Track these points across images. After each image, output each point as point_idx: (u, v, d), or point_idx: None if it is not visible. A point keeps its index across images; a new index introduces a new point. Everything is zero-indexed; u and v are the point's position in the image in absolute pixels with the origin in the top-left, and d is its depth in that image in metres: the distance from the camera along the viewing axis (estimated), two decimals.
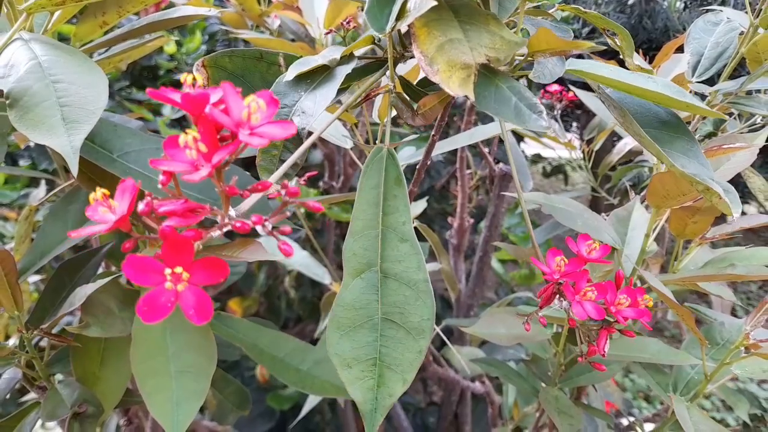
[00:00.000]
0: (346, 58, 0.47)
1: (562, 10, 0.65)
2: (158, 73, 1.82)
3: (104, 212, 0.31)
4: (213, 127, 0.30)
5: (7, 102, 0.52)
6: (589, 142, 1.45)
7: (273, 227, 0.30)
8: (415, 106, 0.45)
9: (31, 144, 1.51)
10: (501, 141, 1.58)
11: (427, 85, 0.50)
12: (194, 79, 0.33)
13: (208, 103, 0.30)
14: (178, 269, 0.28)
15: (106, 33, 0.76)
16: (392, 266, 0.44)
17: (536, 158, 3.02)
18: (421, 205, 1.04)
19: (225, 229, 0.31)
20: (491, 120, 1.41)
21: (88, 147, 0.58)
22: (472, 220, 1.41)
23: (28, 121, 0.50)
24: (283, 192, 0.31)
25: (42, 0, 0.56)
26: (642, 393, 2.66)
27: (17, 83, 0.52)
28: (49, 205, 0.87)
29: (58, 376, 0.66)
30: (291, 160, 0.39)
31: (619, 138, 1.46)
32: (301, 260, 1.06)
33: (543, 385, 0.86)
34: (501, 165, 1.56)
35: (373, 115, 0.77)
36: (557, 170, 2.98)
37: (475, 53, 0.45)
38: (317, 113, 0.43)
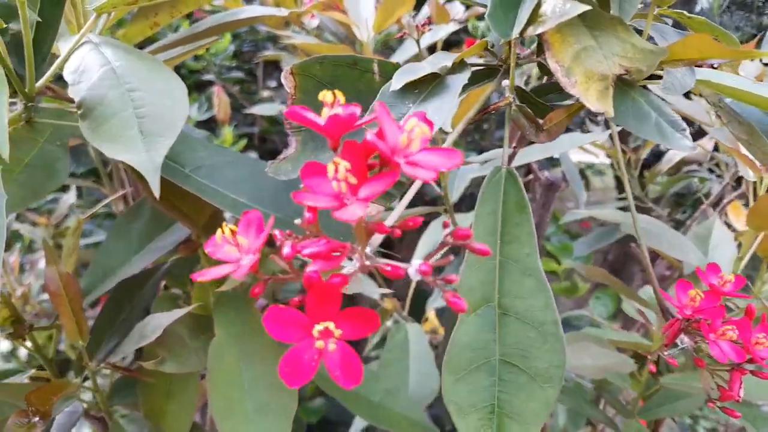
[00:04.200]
0: (458, 66, 0.42)
1: (662, 15, 0.60)
2: (181, 72, 1.77)
3: (230, 251, 0.26)
4: (363, 154, 0.25)
5: (79, 112, 0.48)
6: (635, 149, 1.38)
7: (433, 273, 0.25)
8: (540, 122, 0.40)
9: None
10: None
11: (542, 95, 0.45)
12: (334, 96, 0.28)
13: (355, 126, 0.25)
14: (329, 325, 0.24)
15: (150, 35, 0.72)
16: (513, 302, 0.39)
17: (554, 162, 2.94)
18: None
19: (365, 271, 0.26)
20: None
21: None
22: None
23: (103, 134, 0.46)
24: (446, 232, 0.26)
25: None
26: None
27: (90, 91, 0.48)
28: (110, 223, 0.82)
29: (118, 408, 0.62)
30: (414, 188, 0.34)
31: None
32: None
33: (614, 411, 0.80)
34: (546, 173, 1.50)
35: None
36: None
37: (609, 62, 0.40)
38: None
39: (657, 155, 1.38)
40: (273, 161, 0.49)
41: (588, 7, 0.35)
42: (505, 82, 0.42)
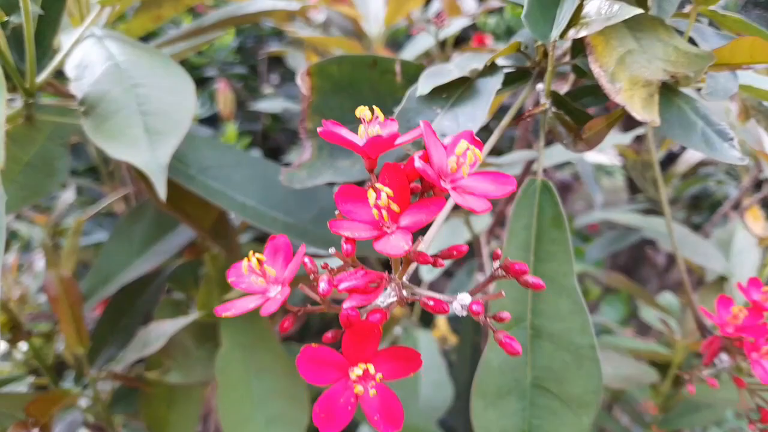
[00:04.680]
0: (489, 69, 0.39)
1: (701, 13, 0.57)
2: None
3: (257, 281, 0.23)
4: (405, 178, 0.23)
5: (82, 109, 0.45)
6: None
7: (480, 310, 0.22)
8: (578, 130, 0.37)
9: None
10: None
11: (575, 99, 0.42)
12: (372, 112, 0.25)
13: (396, 145, 0.23)
14: (369, 367, 0.21)
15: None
16: (547, 324, 0.37)
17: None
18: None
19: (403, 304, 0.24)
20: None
21: None
22: None
23: (106, 131, 0.43)
24: (496, 265, 0.23)
25: None
26: None
27: (93, 87, 0.45)
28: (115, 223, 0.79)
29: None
30: (444, 213, 0.31)
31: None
32: None
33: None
34: (559, 175, 1.48)
35: None
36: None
37: (653, 67, 0.37)
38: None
39: (670, 156, 1.35)
40: (287, 168, 0.46)
41: (641, 11, 0.32)
42: (539, 87, 0.39)
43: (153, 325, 0.50)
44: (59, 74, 0.53)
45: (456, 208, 0.34)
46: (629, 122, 1.29)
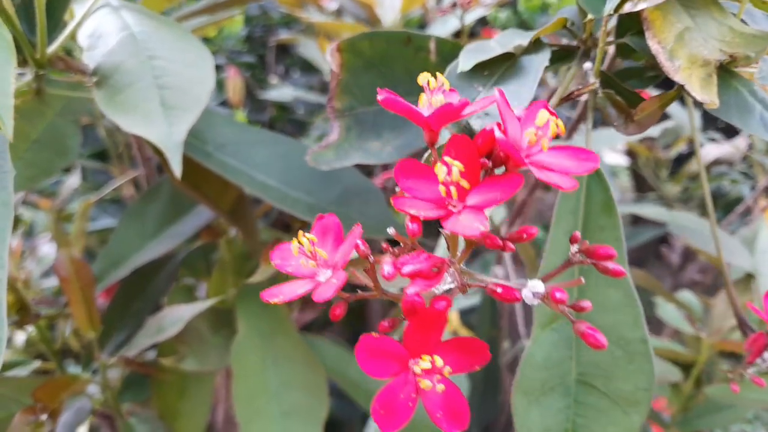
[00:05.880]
0: (534, 46, 0.37)
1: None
2: None
3: (307, 264, 0.21)
4: (477, 152, 0.20)
5: (95, 79, 0.43)
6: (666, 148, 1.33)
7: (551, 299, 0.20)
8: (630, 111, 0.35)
9: None
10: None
11: (625, 79, 0.40)
12: (436, 79, 0.23)
13: (463, 115, 0.21)
14: (436, 360, 0.19)
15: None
16: (595, 317, 0.34)
17: None
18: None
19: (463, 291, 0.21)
20: None
21: None
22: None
23: (119, 104, 0.41)
24: (574, 248, 0.21)
25: None
26: None
27: (107, 57, 0.43)
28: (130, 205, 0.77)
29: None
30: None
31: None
32: None
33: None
34: None
35: None
36: None
37: (709, 46, 0.35)
38: None
39: (679, 157, 1.33)
40: (313, 148, 0.44)
41: None
42: (587, 65, 0.37)
43: (167, 309, 0.48)
44: (71, 53, 0.51)
45: None
46: None
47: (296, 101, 1.31)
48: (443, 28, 0.95)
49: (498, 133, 0.20)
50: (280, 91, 1.23)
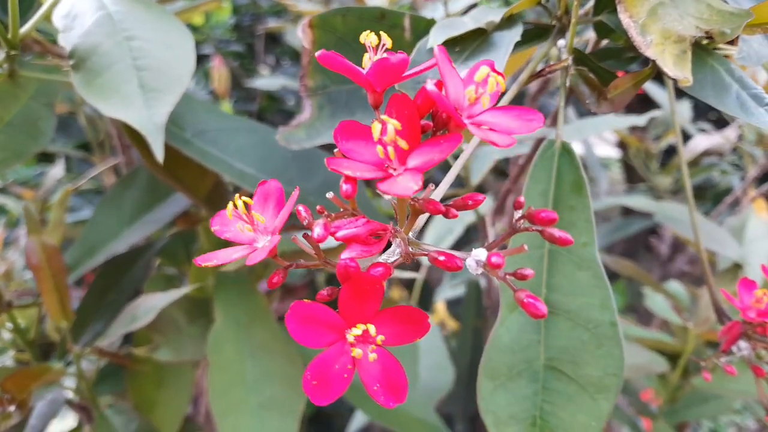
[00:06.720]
0: (507, 22, 0.36)
1: None
2: None
3: (243, 230, 0.20)
4: (415, 112, 0.20)
5: (72, 62, 0.42)
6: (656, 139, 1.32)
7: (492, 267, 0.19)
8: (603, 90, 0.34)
9: None
10: None
11: (603, 59, 0.39)
12: (379, 38, 0.23)
13: (405, 76, 0.20)
14: (369, 328, 0.18)
15: None
16: (563, 300, 0.34)
17: None
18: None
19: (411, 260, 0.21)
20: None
21: None
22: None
23: (97, 87, 0.40)
24: (518, 214, 0.20)
25: None
26: None
27: (83, 39, 0.42)
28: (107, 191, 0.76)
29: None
30: (461, 160, 0.28)
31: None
32: None
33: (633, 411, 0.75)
34: None
35: None
36: None
37: (685, 22, 0.34)
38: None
39: (670, 148, 1.32)
40: (284, 127, 0.43)
41: None
42: (561, 43, 0.36)
43: (142, 298, 0.47)
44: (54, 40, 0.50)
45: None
46: (642, 106, 1.25)
47: (286, 91, 1.30)
48: (432, 15, 0.94)
49: (429, 86, 0.19)
50: (268, 80, 1.22)
